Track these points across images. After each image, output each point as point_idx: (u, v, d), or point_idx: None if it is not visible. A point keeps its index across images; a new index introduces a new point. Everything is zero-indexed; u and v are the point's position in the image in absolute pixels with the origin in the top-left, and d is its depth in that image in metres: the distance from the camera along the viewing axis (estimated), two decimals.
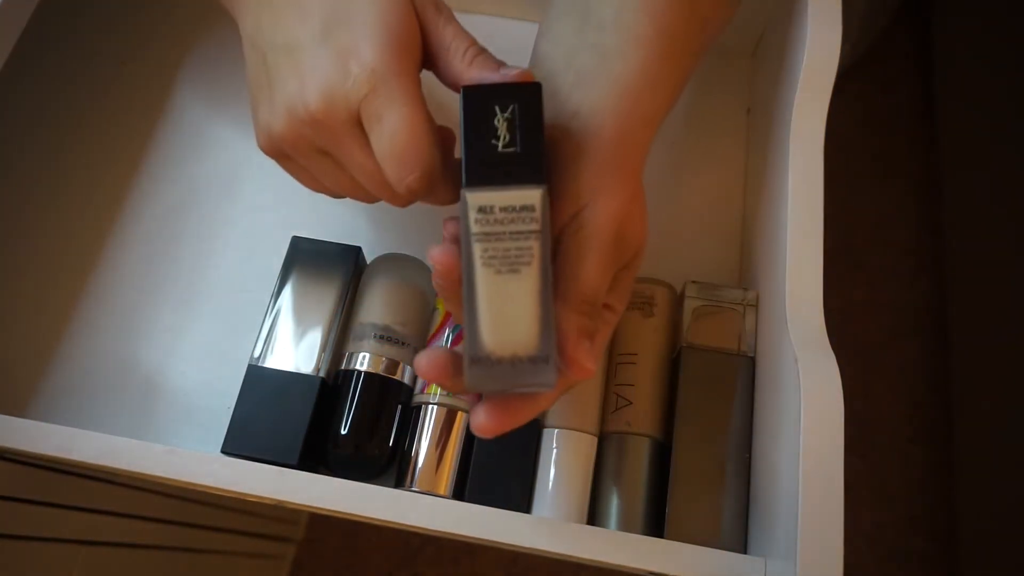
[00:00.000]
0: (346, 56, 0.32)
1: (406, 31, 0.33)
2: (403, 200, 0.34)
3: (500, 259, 0.29)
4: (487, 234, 0.29)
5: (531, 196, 0.29)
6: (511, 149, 0.29)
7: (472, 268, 0.29)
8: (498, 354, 0.29)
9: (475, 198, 0.29)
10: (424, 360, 0.31)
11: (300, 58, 0.33)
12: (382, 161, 0.32)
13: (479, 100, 0.29)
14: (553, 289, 0.30)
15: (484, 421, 0.31)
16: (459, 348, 0.35)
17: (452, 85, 0.34)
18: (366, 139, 0.33)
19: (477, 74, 0.33)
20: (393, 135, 0.32)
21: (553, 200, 0.30)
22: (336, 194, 0.38)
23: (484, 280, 0.29)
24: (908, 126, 1.28)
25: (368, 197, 0.36)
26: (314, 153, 0.35)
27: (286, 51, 0.33)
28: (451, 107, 0.34)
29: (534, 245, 0.29)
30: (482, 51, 0.34)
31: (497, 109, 0.29)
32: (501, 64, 0.33)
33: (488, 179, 0.29)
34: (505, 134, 0.29)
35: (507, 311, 0.29)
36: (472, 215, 0.29)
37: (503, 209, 0.29)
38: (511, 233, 0.29)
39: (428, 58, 0.35)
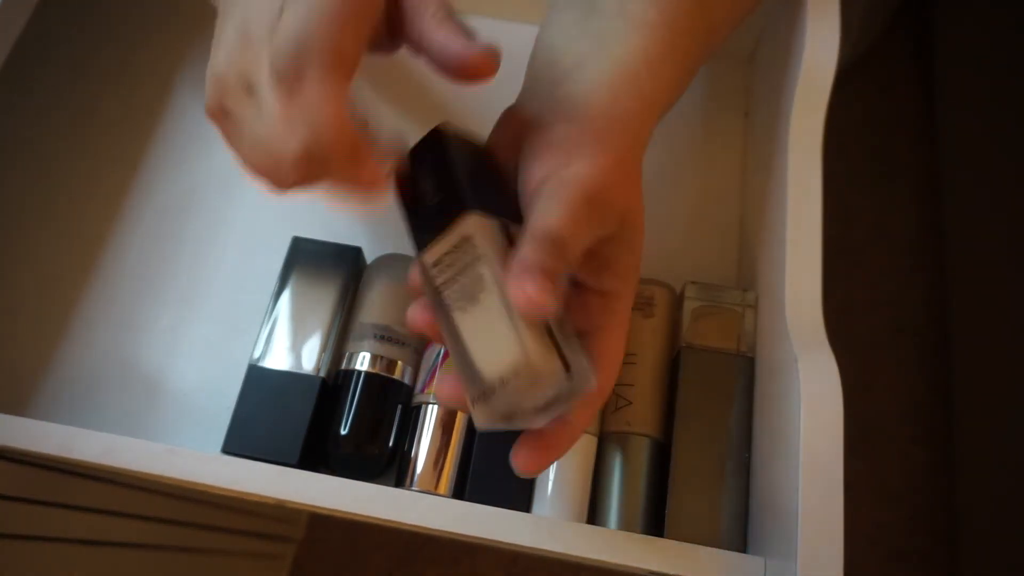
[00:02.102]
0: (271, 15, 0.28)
1: None
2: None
3: (462, 297, 0.30)
4: (445, 282, 0.30)
5: (462, 228, 0.29)
6: (436, 200, 0.31)
7: (449, 318, 0.30)
8: (494, 377, 0.29)
9: (426, 257, 0.31)
10: (446, 388, 0.31)
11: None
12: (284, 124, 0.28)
13: (407, 173, 0.32)
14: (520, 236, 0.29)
15: (523, 462, 0.30)
16: None
17: (415, 44, 0.32)
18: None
19: (443, 36, 0.31)
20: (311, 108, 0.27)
21: (536, 172, 0.30)
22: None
23: (460, 323, 0.29)
24: (908, 126, 1.28)
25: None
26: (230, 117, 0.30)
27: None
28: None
29: (482, 270, 0.29)
30: (452, 14, 0.31)
31: (419, 174, 0.31)
32: (469, 34, 0.31)
33: (429, 238, 0.30)
34: (430, 191, 0.31)
35: (487, 338, 0.29)
36: (430, 272, 0.30)
37: (448, 253, 0.30)
38: (459, 269, 0.30)
39: (397, 21, 0.32)
